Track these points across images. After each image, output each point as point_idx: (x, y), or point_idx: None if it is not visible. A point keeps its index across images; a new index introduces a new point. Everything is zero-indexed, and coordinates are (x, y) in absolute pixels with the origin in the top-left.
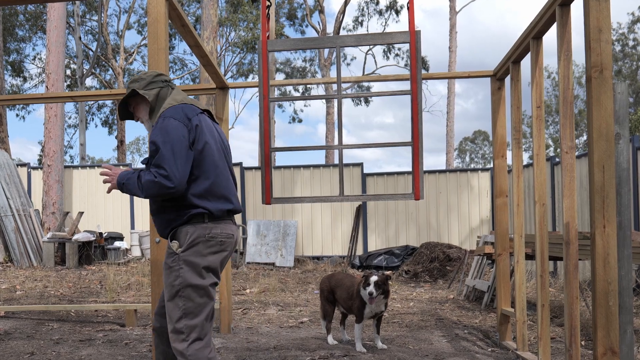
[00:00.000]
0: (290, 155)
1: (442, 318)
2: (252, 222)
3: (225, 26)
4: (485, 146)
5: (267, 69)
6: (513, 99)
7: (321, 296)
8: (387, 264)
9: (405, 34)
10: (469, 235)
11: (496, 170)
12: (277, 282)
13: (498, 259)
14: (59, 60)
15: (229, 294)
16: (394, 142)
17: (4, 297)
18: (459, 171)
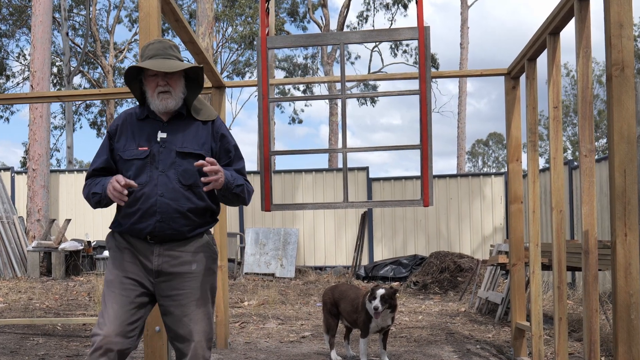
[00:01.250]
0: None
1: (453, 332)
2: (250, 230)
3: (222, 21)
4: (500, 149)
5: (266, 67)
6: (528, 99)
7: (324, 309)
8: (394, 274)
9: (413, 29)
10: (482, 244)
11: (510, 174)
12: (277, 294)
13: (512, 270)
14: (45, 58)
15: (225, 307)
16: (401, 144)
17: None
18: (470, 176)
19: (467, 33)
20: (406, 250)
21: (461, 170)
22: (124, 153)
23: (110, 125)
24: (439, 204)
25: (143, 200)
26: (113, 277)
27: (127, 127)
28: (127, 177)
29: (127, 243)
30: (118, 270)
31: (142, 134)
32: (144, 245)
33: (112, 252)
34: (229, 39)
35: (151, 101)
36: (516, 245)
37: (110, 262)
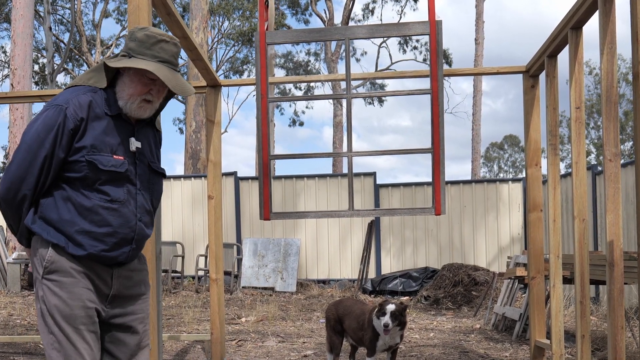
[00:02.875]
0: (292, 164)
1: (467, 351)
2: (248, 241)
3: (218, 15)
4: (516, 152)
5: (265, 65)
6: (549, 99)
7: (327, 326)
8: (403, 288)
9: (424, 24)
10: (498, 255)
11: (529, 180)
12: (277, 310)
13: (531, 283)
14: (26, 54)
15: (221, 323)
16: (411, 148)
17: None
18: (486, 182)
19: (482, 27)
20: (416, 262)
21: (476, 175)
22: (97, 158)
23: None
24: (451, 212)
25: (121, 223)
26: (73, 311)
27: (94, 122)
28: (96, 189)
29: (82, 266)
30: (75, 300)
31: (114, 137)
32: (103, 267)
33: (62, 276)
34: (225, 35)
35: (126, 101)
36: (535, 256)
37: (59, 289)
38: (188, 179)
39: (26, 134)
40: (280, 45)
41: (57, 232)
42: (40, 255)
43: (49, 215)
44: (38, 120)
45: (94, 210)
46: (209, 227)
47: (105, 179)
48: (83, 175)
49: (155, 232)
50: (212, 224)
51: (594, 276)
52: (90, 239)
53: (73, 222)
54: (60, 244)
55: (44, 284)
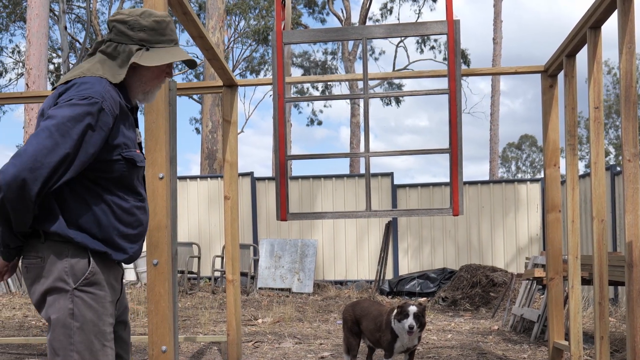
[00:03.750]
0: (309, 164)
1: (485, 352)
2: (264, 242)
3: (234, 14)
4: (534, 153)
5: (282, 64)
6: (567, 99)
7: (344, 327)
8: (421, 289)
9: (442, 23)
10: (516, 256)
11: (548, 181)
12: (294, 311)
13: (550, 284)
14: (41, 54)
15: (237, 325)
16: (429, 148)
17: None
18: (504, 182)
19: (500, 27)
20: (434, 262)
21: (494, 175)
22: (132, 155)
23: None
24: (469, 213)
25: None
26: (104, 327)
27: (121, 118)
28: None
29: (111, 275)
30: (106, 315)
31: (132, 132)
32: (117, 269)
33: (99, 289)
34: (242, 34)
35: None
36: (554, 257)
37: (96, 303)
38: (204, 179)
39: (52, 118)
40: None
41: (94, 239)
42: (73, 265)
43: (84, 222)
44: (65, 108)
45: (130, 212)
46: (226, 228)
47: (136, 176)
48: (120, 174)
49: (172, 233)
50: (229, 225)
51: (613, 277)
52: (128, 241)
53: (113, 226)
54: (106, 251)
55: (76, 297)
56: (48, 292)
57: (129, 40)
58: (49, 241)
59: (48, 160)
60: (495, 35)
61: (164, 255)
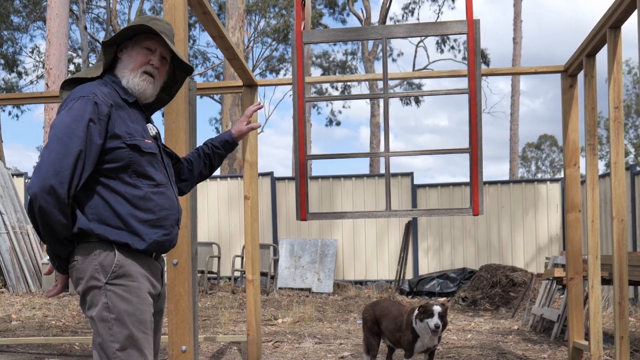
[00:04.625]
0: (328, 164)
1: (505, 352)
2: (284, 241)
3: (254, 13)
4: (554, 152)
5: (302, 64)
6: (587, 99)
7: (364, 327)
8: (441, 289)
9: (462, 23)
10: (536, 255)
11: (567, 180)
12: (314, 311)
13: (570, 284)
14: (61, 54)
15: (257, 325)
16: (448, 148)
17: None
18: (524, 182)
19: (520, 27)
20: (454, 262)
21: (514, 175)
22: (137, 141)
23: (96, 100)
24: (489, 213)
25: (171, 205)
26: (144, 315)
27: (118, 110)
28: (142, 175)
29: (144, 266)
30: (145, 304)
31: (138, 124)
32: (154, 264)
33: (130, 280)
34: (262, 33)
35: (128, 78)
36: (574, 257)
37: (129, 294)
38: (224, 179)
39: (55, 127)
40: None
41: (118, 230)
42: (101, 261)
43: (104, 214)
44: (64, 114)
45: (146, 198)
46: (245, 228)
47: (146, 163)
48: (126, 162)
49: (191, 233)
50: (249, 225)
51: (633, 277)
52: (150, 227)
53: (130, 214)
54: (126, 241)
55: (108, 290)
56: (86, 292)
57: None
58: (81, 243)
59: (66, 162)
60: (515, 35)
61: (183, 255)
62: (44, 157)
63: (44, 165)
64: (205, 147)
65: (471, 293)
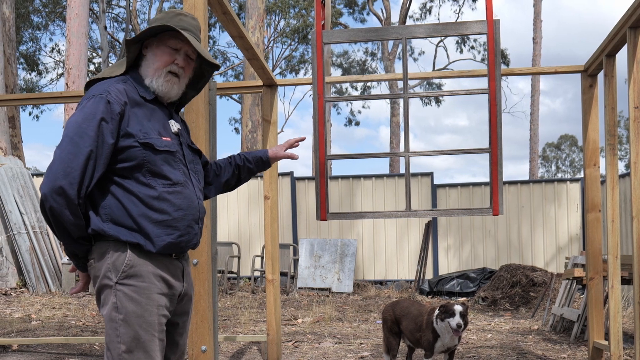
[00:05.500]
0: (348, 164)
1: (525, 352)
2: (304, 241)
3: (274, 13)
4: (574, 152)
5: (322, 64)
6: (607, 99)
7: (384, 327)
8: (461, 289)
9: (482, 23)
10: (556, 255)
11: (587, 180)
12: (334, 311)
13: (589, 284)
14: (81, 54)
15: (277, 324)
16: (468, 148)
17: (18, 328)
18: (544, 182)
19: (540, 27)
20: (474, 262)
21: (534, 175)
22: (151, 140)
23: (109, 98)
24: (509, 212)
25: (188, 205)
26: (151, 317)
27: (134, 108)
28: (157, 174)
29: (159, 266)
30: (152, 306)
31: (156, 121)
32: (173, 263)
33: (140, 280)
34: (281, 33)
35: (152, 78)
36: (593, 257)
37: (137, 294)
38: None
39: (67, 127)
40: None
41: (131, 230)
42: (114, 260)
43: (117, 215)
44: (76, 113)
45: (161, 198)
46: (265, 228)
47: (161, 161)
48: (139, 161)
49: (211, 233)
50: (269, 225)
51: None
52: (164, 227)
53: (143, 215)
54: (139, 242)
55: (118, 290)
56: (99, 290)
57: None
58: (97, 242)
59: (76, 162)
60: (535, 35)
61: (203, 255)
62: (55, 157)
63: (54, 166)
64: (237, 158)
65: (491, 293)
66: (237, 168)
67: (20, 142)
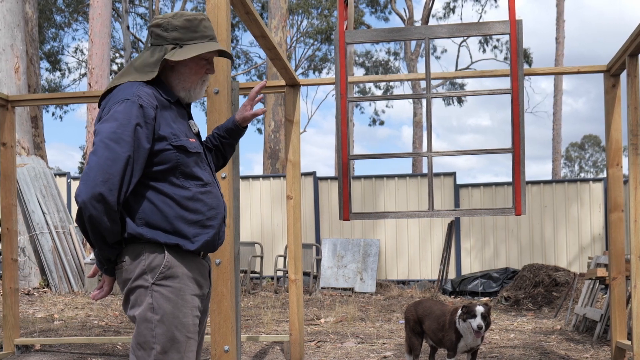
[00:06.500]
0: (371, 164)
1: (548, 352)
2: (327, 241)
3: (296, 13)
4: (597, 152)
5: (345, 64)
6: (630, 98)
7: (406, 327)
8: (483, 289)
9: (504, 23)
10: (579, 255)
11: (610, 180)
12: (357, 310)
13: (612, 284)
14: (104, 53)
15: (300, 325)
16: (491, 148)
17: (40, 328)
18: (567, 182)
19: (563, 26)
20: (497, 262)
21: (557, 175)
22: (183, 142)
23: (141, 102)
24: (532, 212)
25: (218, 204)
26: (186, 318)
27: (162, 111)
28: (190, 176)
29: (192, 268)
30: (187, 307)
31: (181, 123)
32: (202, 263)
33: (176, 282)
34: (304, 33)
35: (188, 90)
36: (616, 257)
37: (174, 295)
38: (267, 178)
39: (101, 133)
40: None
41: (167, 233)
42: (150, 262)
43: (152, 218)
44: (108, 119)
45: (195, 198)
46: (288, 228)
47: (193, 163)
48: (174, 164)
49: (234, 233)
50: (291, 225)
51: None
52: (200, 227)
53: (179, 216)
54: (177, 243)
55: (154, 291)
56: (131, 291)
57: (164, 41)
58: (129, 244)
59: (114, 169)
60: (557, 34)
61: (226, 254)
62: (91, 164)
63: (91, 173)
64: (213, 139)
65: (514, 293)
66: (217, 149)
67: (42, 142)
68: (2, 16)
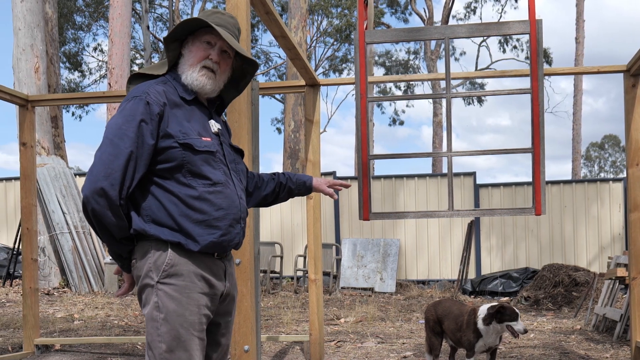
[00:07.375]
0: (391, 163)
1: (568, 352)
2: (347, 241)
3: (316, 13)
4: (616, 152)
5: (365, 64)
6: None
7: (426, 327)
8: (503, 289)
9: (524, 23)
10: (599, 255)
11: (630, 180)
12: (377, 310)
13: (632, 284)
14: (124, 54)
15: (320, 324)
16: (511, 148)
17: (60, 328)
18: (587, 181)
19: (582, 26)
20: (517, 262)
21: (577, 175)
22: (191, 140)
23: (149, 99)
24: (552, 212)
25: (229, 204)
26: (191, 316)
27: (174, 109)
28: (197, 175)
29: (200, 266)
30: (192, 305)
31: (196, 121)
32: (215, 263)
33: (180, 279)
34: (324, 33)
35: (187, 74)
36: (636, 257)
37: (178, 293)
38: None
39: (107, 129)
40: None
41: (172, 230)
42: (155, 260)
43: (158, 215)
44: (116, 115)
45: (202, 198)
46: (308, 228)
47: (201, 162)
48: (179, 162)
49: (254, 232)
50: (311, 224)
51: None
52: (205, 227)
53: (184, 214)
54: (179, 241)
55: (159, 290)
56: (141, 290)
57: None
58: (139, 242)
59: (117, 164)
60: (577, 34)
61: (246, 254)
62: (95, 159)
63: (95, 168)
64: (281, 176)
65: (534, 293)
66: (279, 186)
67: (62, 141)
68: (22, 16)
